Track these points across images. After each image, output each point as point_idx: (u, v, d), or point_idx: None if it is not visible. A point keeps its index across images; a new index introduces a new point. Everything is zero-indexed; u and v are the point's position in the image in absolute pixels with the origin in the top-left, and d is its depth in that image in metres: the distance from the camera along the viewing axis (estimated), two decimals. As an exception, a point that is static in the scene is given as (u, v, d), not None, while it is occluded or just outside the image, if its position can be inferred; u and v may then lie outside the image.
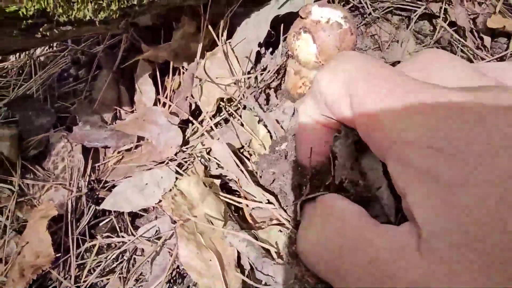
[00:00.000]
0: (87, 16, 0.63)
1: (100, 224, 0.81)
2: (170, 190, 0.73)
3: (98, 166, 0.88)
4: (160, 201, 0.74)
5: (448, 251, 0.31)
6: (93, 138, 0.86)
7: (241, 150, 0.79)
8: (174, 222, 0.68)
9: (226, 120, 0.85)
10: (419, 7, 0.97)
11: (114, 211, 0.79)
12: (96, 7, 0.63)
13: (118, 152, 0.89)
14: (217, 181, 0.70)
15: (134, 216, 0.80)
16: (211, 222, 0.65)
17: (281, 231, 0.63)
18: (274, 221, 0.66)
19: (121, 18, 0.69)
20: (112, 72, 0.95)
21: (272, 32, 0.91)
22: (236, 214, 0.70)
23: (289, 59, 0.87)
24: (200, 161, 0.77)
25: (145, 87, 0.91)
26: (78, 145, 0.86)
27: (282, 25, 0.91)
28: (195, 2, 0.81)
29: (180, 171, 0.76)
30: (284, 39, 0.90)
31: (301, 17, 0.75)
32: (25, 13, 0.57)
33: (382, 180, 0.46)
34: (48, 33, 0.63)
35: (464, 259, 0.31)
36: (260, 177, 0.63)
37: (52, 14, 0.60)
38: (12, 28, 0.59)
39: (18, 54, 1.12)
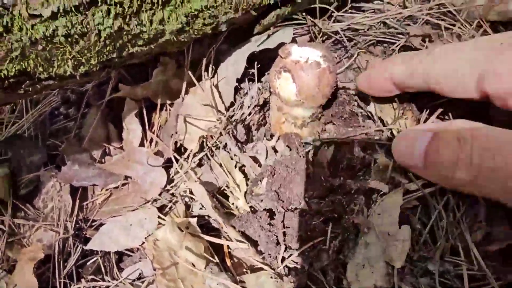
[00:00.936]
0: (67, 71, 0.66)
1: (88, 264, 0.84)
2: (152, 233, 0.75)
3: (87, 204, 0.90)
4: (143, 242, 0.76)
5: None
6: (81, 177, 0.89)
7: (222, 189, 0.81)
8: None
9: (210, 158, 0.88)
10: (400, 39, 0.99)
11: (101, 251, 0.82)
12: (75, 63, 0.66)
13: (107, 190, 0.91)
14: (193, 220, 0.72)
15: (120, 254, 0.83)
16: (193, 264, 0.67)
17: (271, 277, 0.65)
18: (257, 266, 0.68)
19: (102, 70, 0.72)
20: (101, 110, 0.98)
21: (252, 70, 0.94)
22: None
23: (272, 95, 0.89)
24: (183, 201, 0.79)
25: (131, 125, 0.94)
26: (66, 185, 0.89)
27: (257, 62, 0.93)
28: (177, 48, 0.83)
29: (162, 216, 0.78)
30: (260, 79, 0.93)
31: (281, 56, 0.77)
32: (6, 74, 0.60)
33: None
34: (30, 89, 0.66)
35: None
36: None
37: (33, 73, 0.63)
38: (-6, 87, 0.62)
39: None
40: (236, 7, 0.80)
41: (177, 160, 0.87)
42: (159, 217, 0.78)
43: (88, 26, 0.62)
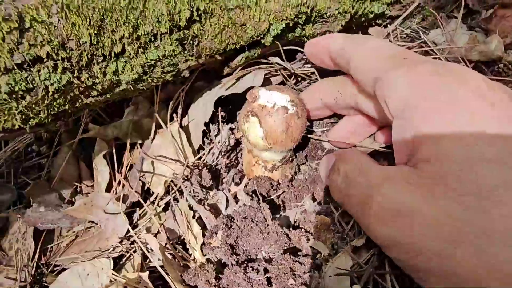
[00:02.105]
0: (16, 125, 0.65)
1: (47, 311, 0.82)
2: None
3: (51, 247, 0.89)
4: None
5: None
6: (46, 219, 0.88)
7: (182, 238, 0.80)
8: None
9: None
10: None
11: (59, 300, 0.80)
12: (24, 117, 0.65)
13: (73, 232, 0.91)
14: (145, 275, 0.70)
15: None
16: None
17: None
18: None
19: (55, 121, 0.71)
20: (72, 149, 0.98)
21: (222, 113, 0.92)
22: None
23: (243, 137, 0.88)
24: (141, 251, 0.77)
25: (99, 166, 0.93)
26: (30, 228, 0.88)
27: (231, 102, 0.92)
28: (139, 94, 0.82)
29: (114, 273, 0.76)
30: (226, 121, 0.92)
31: (248, 100, 0.76)
32: (-51, 130, 0.60)
33: None
34: (-21, 141, 0.66)
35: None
36: None
37: (-22, 127, 0.63)
38: None
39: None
40: (198, 54, 0.79)
41: (141, 205, 0.86)
42: (116, 264, 0.77)
43: (33, 82, 0.62)
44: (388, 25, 1.14)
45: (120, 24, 0.65)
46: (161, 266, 0.70)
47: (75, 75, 0.65)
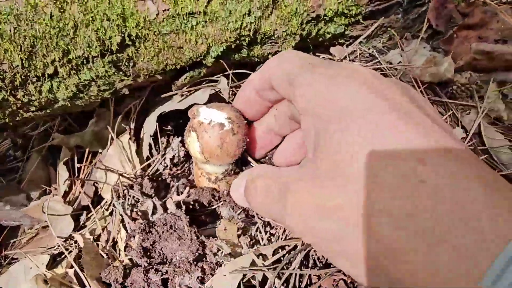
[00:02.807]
0: (-40, 135, 0.76)
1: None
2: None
3: (14, 242, 1.00)
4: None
5: None
6: (10, 217, 0.99)
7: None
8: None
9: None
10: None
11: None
12: (-34, 128, 0.75)
13: (35, 229, 1.01)
14: (70, 271, 0.78)
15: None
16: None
17: None
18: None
19: (0, 132, 0.81)
20: (41, 155, 1.09)
21: (170, 127, 1.00)
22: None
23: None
24: (75, 250, 0.86)
25: (61, 171, 1.03)
26: (-5, 224, 1.00)
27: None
28: (82, 109, 0.91)
29: (46, 271, 0.85)
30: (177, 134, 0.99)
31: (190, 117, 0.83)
32: None
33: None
34: None
35: None
36: None
37: None
38: None
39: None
40: (136, 74, 0.87)
41: (89, 209, 0.95)
42: (54, 260, 0.86)
43: (-30, 99, 0.72)
44: (350, 46, 1.17)
45: (51, 49, 0.74)
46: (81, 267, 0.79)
47: (9, 93, 0.75)
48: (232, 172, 0.93)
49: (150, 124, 0.98)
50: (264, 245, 0.77)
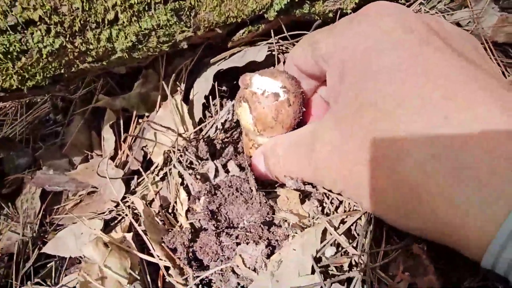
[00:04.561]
0: (13, 85, 0.70)
1: (48, 265, 0.87)
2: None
3: (57, 208, 0.94)
4: (84, 254, 0.78)
5: None
6: (54, 182, 0.93)
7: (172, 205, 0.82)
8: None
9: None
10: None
11: (57, 255, 0.85)
12: (20, 78, 0.69)
13: (79, 196, 0.95)
14: (129, 235, 0.73)
15: (76, 260, 0.86)
16: (119, 282, 0.69)
17: None
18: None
19: (54, 84, 0.75)
20: (84, 118, 1.02)
21: (224, 88, 0.93)
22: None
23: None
24: (131, 215, 0.80)
25: (106, 135, 0.97)
26: (39, 188, 0.94)
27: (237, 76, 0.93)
28: (137, 63, 0.85)
29: (102, 233, 0.79)
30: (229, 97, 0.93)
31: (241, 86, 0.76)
32: (-49, 84, 0.65)
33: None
34: (-19, 99, 0.71)
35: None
36: None
37: (-22, 86, 0.67)
38: None
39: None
40: (196, 25, 0.80)
41: (140, 173, 0.89)
42: (106, 225, 0.81)
43: (27, 44, 0.65)
44: (410, 6, 1.10)
45: (113, -9, 0.68)
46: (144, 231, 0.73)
47: (68, 39, 0.68)
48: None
49: (205, 83, 0.92)
50: (328, 214, 0.71)
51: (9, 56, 0.65)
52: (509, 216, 0.37)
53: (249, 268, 0.63)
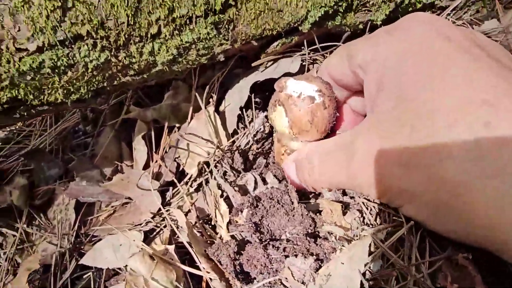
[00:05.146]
0: (58, 99, 0.70)
1: (84, 277, 0.88)
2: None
3: (91, 219, 0.95)
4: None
5: None
6: (87, 193, 0.94)
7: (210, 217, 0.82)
8: None
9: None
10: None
11: (94, 267, 0.85)
12: (65, 91, 0.70)
13: (112, 207, 0.96)
14: (171, 248, 0.73)
15: (113, 271, 0.86)
16: (163, 294, 0.69)
17: None
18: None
19: (96, 97, 0.75)
20: (114, 129, 1.03)
21: (257, 99, 0.94)
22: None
23: (275, 126, 0.89)
24: (170, 227, 0.80)
25: (138, 146, 0.98)
26: (73, 199, 0.94)
27: (267, 89, 0.94)
28: (175, 76, 0.85)
29: (142, 244, 0.80)
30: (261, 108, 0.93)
31: (276, 89, 0.76)
32: (-1, 101, 0.66)
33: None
34: (25, 113, 0.71)
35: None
36: None
37: (24, 100, 0.68)
38: (-10, 112, 0.68)
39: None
40: (234, 38, 0.81)
41: (175, 185, 0.89)
42: (146, 237, 0.81)
43: (74, 59, 0.66)
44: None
45: (157, 6, 0.68)
46: (188, 243, 0.73)
47: (112, 53, 0.69)
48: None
49: (238, 95, 0.92)
50: (368, 224, 0.71)
51: (56, 70, 0.66)
52: None
53: (297, 281, 0.63)
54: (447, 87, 0.49)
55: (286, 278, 0.64)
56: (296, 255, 0.65)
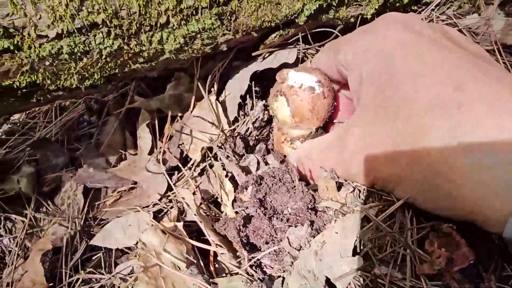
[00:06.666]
0: (73, 84, 0.75)
1: (93, 258, 0.92)
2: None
3: (98, 204, 0.99)
4: (137, 242, 0.83)
5: None
6: (94, 179, 0.98)
7: (215, 197, 0.87)
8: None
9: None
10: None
11: (104, 247, 0.89)
12: (80, 77, 0.74)
13: (118, 192, 1.00)
14: (180, 224, 0.78)
15: (121, 251, 0.90)
16: (178, 266, 0.73)
17: (242, 281, 0.69)
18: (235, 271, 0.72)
19: (107, 83, 0.80)
20: (119, 119, 1.07)
21: (257, 88, 0.99)
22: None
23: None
24: (177, 207, 0.85)
25: (143, 134, 1.02)
26: (81, 185, 0.98)
27: (265, 79, 0.99)
28: (180, 65, 0.90)
29: (153, 221, 0.84)
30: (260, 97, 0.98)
31: (277, 81, 0.82)
32: (18, 85, 0.70)
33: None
34: (42, 98, 0.76)
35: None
36: None
37: (42, 84, 0.72)
38: (10, 96, 0.72)
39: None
40: (235, 29, 0.86)
41: (180, 170, 0.94)
42: (155, 216, 0.85)
43: (90, 46, 0.71)
44: (422, 12, 1.17)
45: (166, -3, 0.73)
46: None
47: (125, 41, 0.73)
48: (319, 135, 0.92)
49: (239, 84, 0.97)
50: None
51: (73, 56, 0.70)
52: None
53: (295, 248, 0.68)
54: (422, 74, 0.55)
55: (284, 247, 0.69)
56: (297, 226, 0.70)
